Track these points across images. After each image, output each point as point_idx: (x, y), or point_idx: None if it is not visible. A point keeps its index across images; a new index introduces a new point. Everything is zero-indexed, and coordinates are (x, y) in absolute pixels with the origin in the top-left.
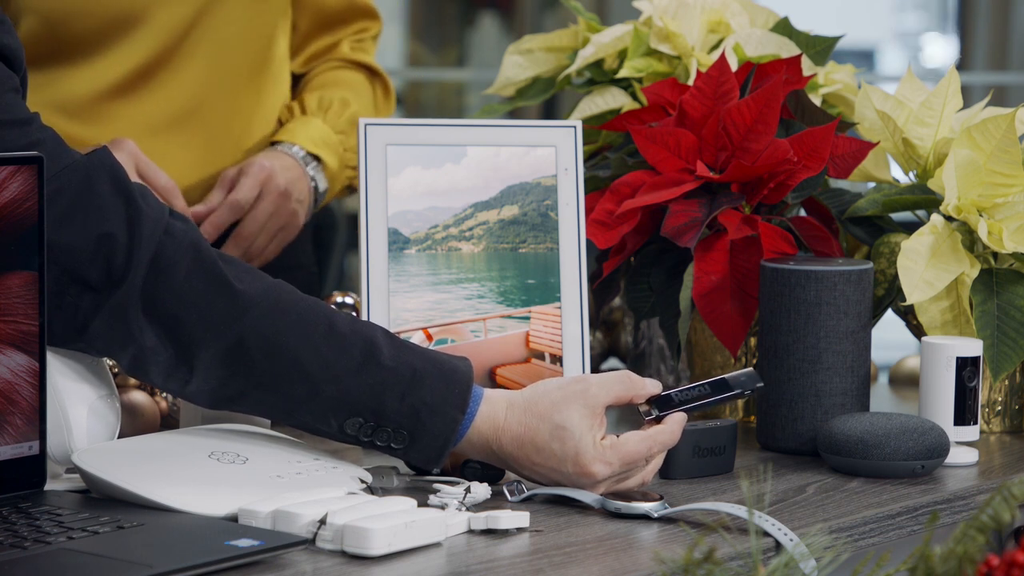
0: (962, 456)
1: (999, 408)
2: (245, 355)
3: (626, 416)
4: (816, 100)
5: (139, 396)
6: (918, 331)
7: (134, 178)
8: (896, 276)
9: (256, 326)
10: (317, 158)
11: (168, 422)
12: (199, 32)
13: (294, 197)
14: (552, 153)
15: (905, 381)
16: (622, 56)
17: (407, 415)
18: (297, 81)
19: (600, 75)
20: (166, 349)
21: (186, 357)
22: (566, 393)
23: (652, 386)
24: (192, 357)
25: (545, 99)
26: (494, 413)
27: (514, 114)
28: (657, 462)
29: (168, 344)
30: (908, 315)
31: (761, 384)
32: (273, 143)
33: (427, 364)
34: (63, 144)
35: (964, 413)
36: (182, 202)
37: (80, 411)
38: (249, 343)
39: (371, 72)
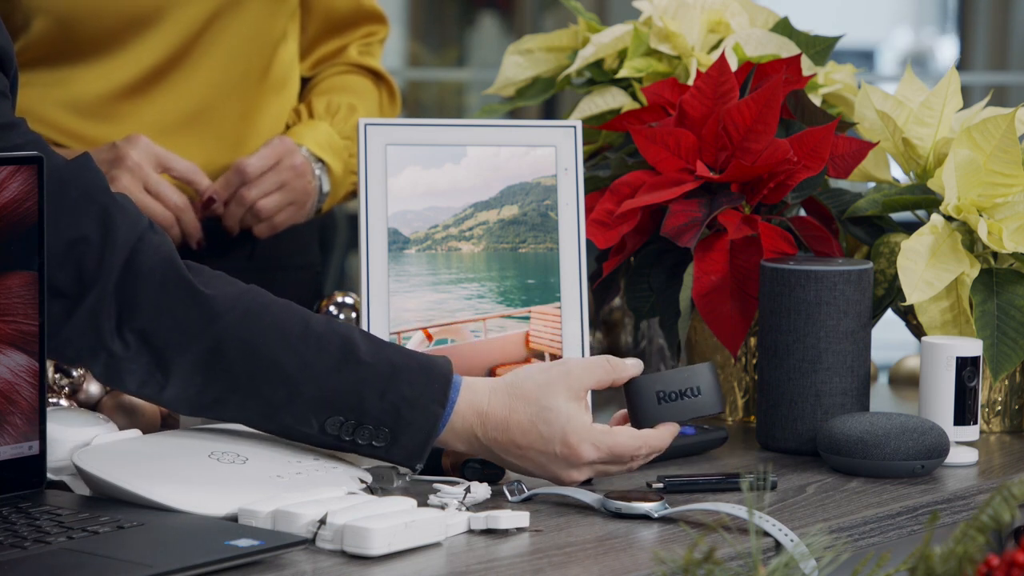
0: (962, 456)
1: (999, 408)
2: (221, 360)
3: (610, 398)
4: (816, 100)
5: None
6: (918, 331)
7: (155, 171)
8: (896, 276)
9: (230, 331)
10: (322, 161)
11: (168, 422)
12: (212, 34)
13: (308, 177)
14: (552, 153)
15: (905, 381)
16: (622, 56)
17: (388, 411)
18: (304, 84)
19: (600, 75)
20: (140, 356)
21: (161, 363)
22: (549, 376)
23: (633, 367)
24: (168, 363)
25: (545, 99)
26: (476, 400)
27: (514, 114)
28: (639, 462)
29: (142, 351)
30: (908, 315)
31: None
32: None
33: (406, 359)
34: (47, 150)
35: (964, 413)
36: (206, 181)
37: None
38: (224, 348)
39: (377, 76)
